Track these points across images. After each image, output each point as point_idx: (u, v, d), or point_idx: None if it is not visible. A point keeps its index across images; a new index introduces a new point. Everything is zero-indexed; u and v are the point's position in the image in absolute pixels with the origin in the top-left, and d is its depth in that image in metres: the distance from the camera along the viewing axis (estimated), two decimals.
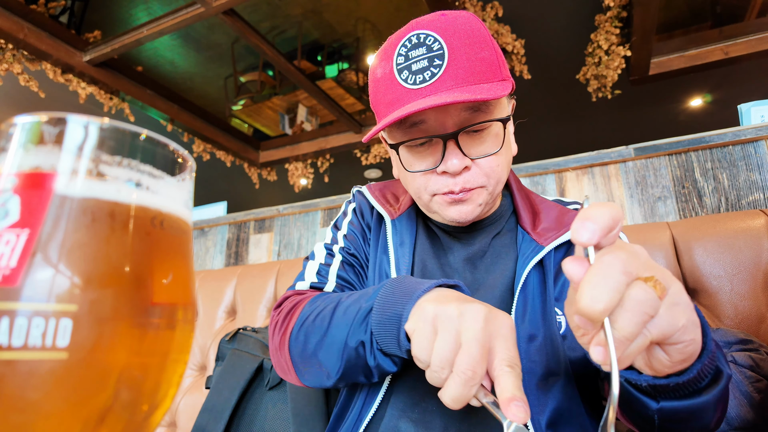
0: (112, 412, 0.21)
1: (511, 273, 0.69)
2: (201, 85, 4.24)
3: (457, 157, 0.62)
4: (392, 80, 0.62)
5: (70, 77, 3.25)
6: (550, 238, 0.68)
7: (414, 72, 0.60)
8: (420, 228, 0.78)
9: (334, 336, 0.57)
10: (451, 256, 0.74)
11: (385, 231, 0.78)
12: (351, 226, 0.83)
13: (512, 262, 0.71)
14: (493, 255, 0.72)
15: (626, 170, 1.46)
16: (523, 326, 0.63)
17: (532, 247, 0.68)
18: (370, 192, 0.85)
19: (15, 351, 0.18)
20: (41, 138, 0.21)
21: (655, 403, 0.45)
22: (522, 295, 0.65)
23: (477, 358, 0.41)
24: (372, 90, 0.68)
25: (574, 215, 0.72)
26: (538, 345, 0.62)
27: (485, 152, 0.64)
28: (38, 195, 0.20)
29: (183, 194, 0.26)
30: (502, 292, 0.68)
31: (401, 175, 0.72)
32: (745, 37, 3.02)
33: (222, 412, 0.97)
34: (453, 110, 0.61)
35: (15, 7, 2.84)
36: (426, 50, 0.60)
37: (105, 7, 3.39)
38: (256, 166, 4.85)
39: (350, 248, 0.79)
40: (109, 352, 0.20)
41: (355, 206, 0.87)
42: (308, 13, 3.42)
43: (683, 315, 0.36)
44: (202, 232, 2.20)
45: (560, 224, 0.71)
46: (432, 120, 0.62)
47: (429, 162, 0.65)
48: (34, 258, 0.19)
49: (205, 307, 1.59)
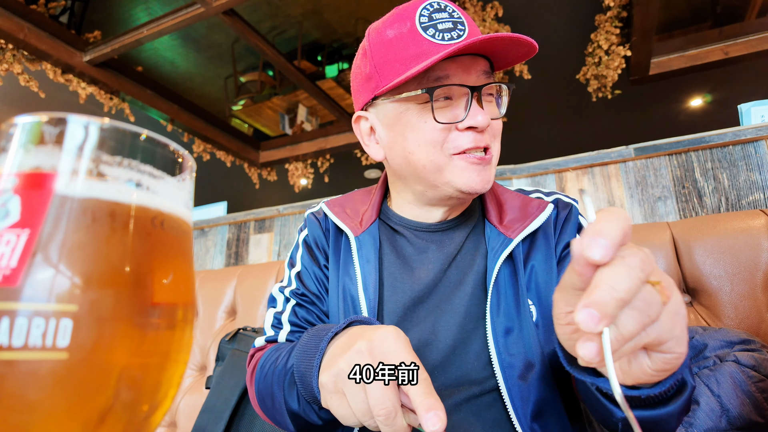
0: (113, 412, 0.21)
1: (482, 268, 0.70)
2: (201, 85, 4.24)
3: (481, 113, 0.62)
4: (415, 36, 0.62)
5: (70, 77, 3.25)
6: (517, 230, 0.69)
7: (441, 30, 0.62)
8: (384, 241, 0.77)
9: (279, 401, 0.61)
10: (425, 261, 0.73)
11: (349, 249, 0.76)
12: (303, 262, 0.81)
13: (482, 257, 0.71)
14: (465, 252, 0.73)
15: (626, 170, 1.46)
16: (499, 320, 0.65)
17: (500, 241, 0.69)
18: (330, 209, 0.82)
19: (15, 351, 0.18)
20: (42, 138, 0.21)
21: (621, 412, 0.46)
22: (495, 289, 0.66)
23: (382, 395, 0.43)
24: (380, 51, 0.65)
25: (536, 204, 0.73)
26: (515, 337, 0.64)
27: (497, 114, 0.67)
28: (39, 195, 0.20)
29: (183, 194, 0.26)
30: (474, 288, 0.69)
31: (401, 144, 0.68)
32: (745, 37, 3.02)
33: (222, 412, 0.97)
34: (474, 71, 0.64)
35: (15, 7, 2.84)
36: (448, 16, 0.63)
37: (105, 7, 3.39)
38: (256, 166, 4.85)
39: (300, 288, 0.78)
40: (109, 353, 0.20)
41: (307, 235, 0.84)
42: (308, 13, 3.42)
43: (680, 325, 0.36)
44: (203, 232, 2.20)
45: (525, 214, 0.72)
46: (456, 77, 0.63)
47: (450, 116, 0.64)
48: (35, 258, 0.19)
49: (205, 308, 1.58)
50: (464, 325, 0.67)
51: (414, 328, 0.68)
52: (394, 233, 0.78)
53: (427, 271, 0.71)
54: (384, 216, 0.80)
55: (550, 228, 0.72)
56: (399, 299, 0.70)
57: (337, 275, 0.76)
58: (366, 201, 0.83)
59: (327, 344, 0.53)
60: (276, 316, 0.78)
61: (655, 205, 1.39)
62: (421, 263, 0.72)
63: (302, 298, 0.78)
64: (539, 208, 0.72)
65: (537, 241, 0.71)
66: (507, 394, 0.61)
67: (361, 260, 0.73)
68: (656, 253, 1.09)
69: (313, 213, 0.85)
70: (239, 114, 4.50)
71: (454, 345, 0.66)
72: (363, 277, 0.71)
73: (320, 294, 0.78)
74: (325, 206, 0.83)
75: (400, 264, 0.73)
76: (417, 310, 0.69)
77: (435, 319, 0.68)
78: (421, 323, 0.68)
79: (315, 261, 0.80)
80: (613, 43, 2.88)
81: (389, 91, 0.66)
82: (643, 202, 1.41)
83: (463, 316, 0.67)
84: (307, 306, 0.77)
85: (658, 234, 1.11)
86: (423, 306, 0.69)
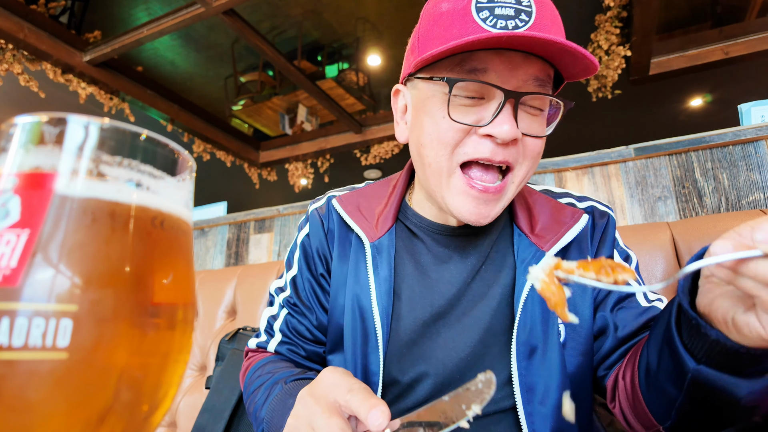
0: (113, 412, 0.21)
1: (509, 281, 0.64)
2: (201, 86, 4.24)
3: (509, 123, 0.53)
4: (466, 15, 0.53)
5: (70, 77, 3.25)
6: (550, 242, 0.63)
7: (497, 16, 0.52)
8: (402, 248, 0.69)
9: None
10: (446, 273, 0.66)
11: (361, 254, 0.69)
12: (299, 266, 0.76)
13: (509, 269, 0.65)
14: (490, 263, 0.66)
15: (626, 170, 1.46)
16: (525, 340, 0.60)
17: (532, 253, 0.63)
18: (344, 207, 0.72)
19: (15, 351, 0.18)
20: (42, 138, 0.21)
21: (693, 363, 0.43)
22: (523, 306, 0.61)
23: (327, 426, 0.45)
24: (428, 24, 0.58)
25: (569, 213, 0.66)
26: (539, 358, 0.59)
27: (538, 131, 0.57)
28: (39, 195, 0.20)
29: (183, 194, 0.26)
30: (499, 302, 0.64)
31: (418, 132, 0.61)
32: (745, 37, 3.01)
33: (222, 412, 0.97)
34: (522, 73, 0.54)
35: (15, 7, 2.84)
36: (515, 1, 0.53)
37: (105, 7, 3.39)
38: (256, 166, 4.85)
39: (293, 297, 0.75)
40: (109, 353, 0.20)
41: (307, 237, 0.76)
42: (308, 13, 3.42)
43: None
44: (203, 232, 2.20)
45: (558, 222, 0.65)
46: (495, 74, 0.54)
47: (471, 119, 0.56)
48: (35, 258, 0.19)
49: (205, 307, 1.58)
50: (484, 340, 0.62)
51: (431, 343, 0.64)
52: (412, 237, 0.70)
53: (449, 284, 0.65)
54: (402, 215, 0.72)
55: (585, 240, 0.66)
56: (417, 315, 0.65)
57: (345, 283, 0.70)
58: (383, 197, 0.74)
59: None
60: (269, 321, 0.77)
61: (655, 205, 1.39)
62: (442, 275, 0.66)
63: (294, 308, 0.75)
64: (573, 217, 0.65)
65: (570, 254, 0.65)
66: (525, 419, 0.58)
67: (376, 269, 0.66)
68: (656, 253, 1.09)
69: (317, 209, 0.77)
70: (239, 114, 4.50)
71: (472, 361, 0.62)
72: (377, 289, 0.65)
73: (311, 305, 0.74)
74: (338, 204, 0.73)
75: (418, 275, 0.67)
76: (436, 325, 0.65)
77: (454, 334, 0.64)
78: (438, 338, 0.64)
79: (311, 268, 0.75)
80: (613, 43, 2.88)
81: (424, 69, 0.59)
82: (643, 202, 1.41)
83: (485, 331, 0.63)
84: (298, 317, 0.74)
85: (658, 234, 1.11)
86: (442, 321, 0.65)
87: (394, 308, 0.66)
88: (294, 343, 0.74)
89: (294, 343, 0.74)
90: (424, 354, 0.64)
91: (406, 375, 0.64)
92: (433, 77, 0.57)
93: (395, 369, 0.64)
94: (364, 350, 0.65)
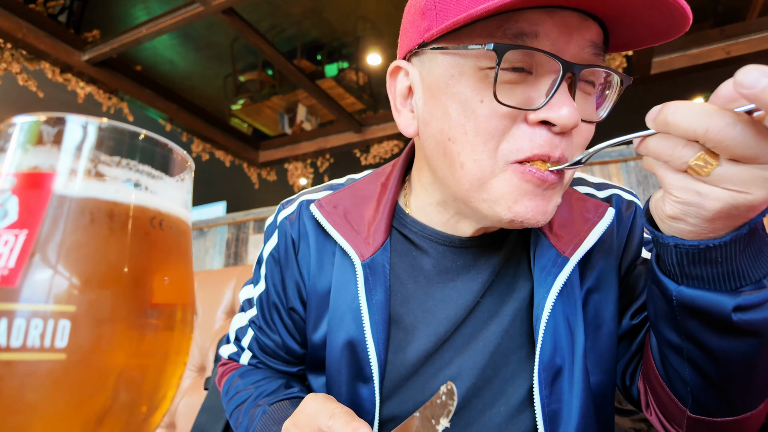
0: (111, 413, 0.21)
1: (526, 294, 0.55)
2: (200, 85, 4.24)
3: (570, 105, 0.41)
4: None
5: (68, 77, 3.25)
6: (573, 244, 0.52)
7: None
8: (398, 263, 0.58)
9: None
10: (454, 292, 0.56)
11: (353, 278, 0.56)
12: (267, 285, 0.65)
13: (525, 278, 0.56)
14: (504, 274, 0.56)
15: (627, 169, 1.46)
16: (549, 362, 0.51)
17: (552, 259, 0.52)
18: (325, 215, 0.58)
19: (13, 352, 0.18)
20: (40, 138, 0.21)
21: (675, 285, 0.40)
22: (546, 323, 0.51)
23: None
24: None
25: (592, 205, 0.56)
26: (566, 380, 0.52)
27: (592, 115, 0.47)
28: (37, 195, 0.20)
29: (182, 194, 0.26)
30: (513, 318, 0.55)
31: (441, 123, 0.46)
32: (747, 36, 3.02)
33: (221, 411, 0.97)
34: (579, 38, 0.42)
35: (13, 7, 2.83)
36: None
37: (104, 6, 3.39)
38: (255, 166, 4.84)
39: (258, 319, 0.67)
40: (107, 353, 0.20)
41: (276, 247, 0.64)
42: (308, 12, 3.42)
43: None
44: (201, 233, 2.20)
45: (579, 219, 0.54)
46: (548, 40, 0.41)
47: (519, 99, 0.43)
48: (33, 258, 0.19)
49: (204, 308, 1.58)
50: (494, 363, 0.55)
51: (435, 371, 0.56)
52: (412, 249, 0.58)
53: (457, 306, 0.55)
54: (398, 223, 0.59)
55: (611, 238, 0.56)
56: (421, 345, 0.55)
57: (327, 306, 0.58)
58: (371, 198, 0.61)
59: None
60: (237, 335, 0.71)
61: None
62: (449, 294, 0.56)
63: (260, 330, 0.67)
64: (597, 212, 0.54)
65: (593, 258, 0.55)
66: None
67: (369, 294, 0.54)
68: None
69: (287, 218, 0.63)
70: (238, 113, 4.50)
71: (480, 385, 0.54)
72: (372, 318, 0.54)
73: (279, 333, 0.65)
74: (317, 211, 0.59)
75: (421, 297, 0.56)
76: (440, 353, 0.56)
77: (461, 360, 0.55)
78: (443, 366, 0.56)
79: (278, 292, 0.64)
80: None
81: (445, 37, 0.45)
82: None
83: (493, 353, 0.54)
84: (265, 338, 0.67)
85: None
86: (447, 345, 0.56)
87: (391, 338, 0.56)
88: (264, 362, 0.69)
89: (264, 361, 0.69)
90: (428, 385, 0.56)
91: (406, 409, 0.56)
92: (467, 45, 0.42)
93: (393, 404, 0.56)
94: (353, 388, 0.56)
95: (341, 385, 0.57)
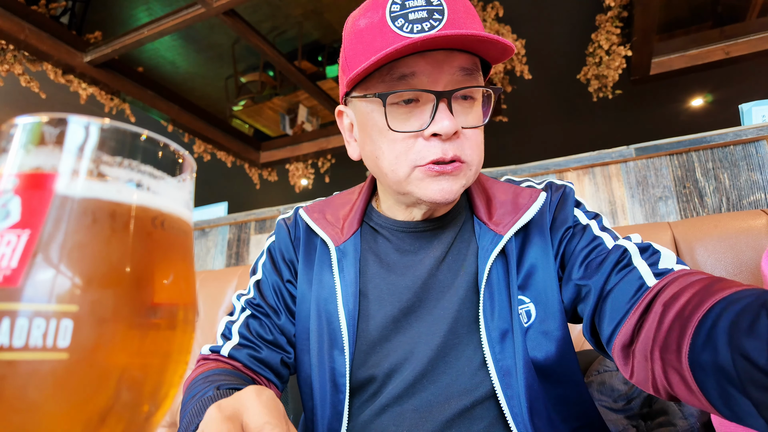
0: (113, 413, 0.21)
1: (473, 269, 0.66)
2: (202, 86, 4.25)
3: (448, 118, 0.56)
4: (383, 27, 0.56)
5: (71, 78, 3.25)
6: (507, 225, 0.65)
7: (411, 21, 0.55)
8: (367, 249, 0.71)
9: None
10: (411, 266, 0.68)
11: (326, 259, 0.71)
12: (264, 271, 0.77)
13: (473, 256, 0.67)
14: (454, 252, 0.68)
15: (627, 170, 1.46)
16: (493, 324, 0.61)
17: (490, 239, 0.65)
18: (309, 215, 0.75)
19: (16, 351, 0.18)
20: (42, 139, 0.21)
21: None
22: (488, 291, 0.62)
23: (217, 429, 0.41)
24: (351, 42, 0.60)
25: (528, 194, 0.68)
26: (511, 341, 0.61)
27: (474, 122, 0.60)
28: (39, 195, 0.20)
29: (184, 195, 0.26)
30: (466, 290, 0.65)
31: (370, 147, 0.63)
32: (746, 36, 3.01)
33: None
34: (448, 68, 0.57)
35: (16, 8, 2.84)
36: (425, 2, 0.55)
37: (106, 7, 3.40)
38: (256, 167, 4.85)
39: (256, 298, 0.74)
40: (109, 353, 0.20)
41: (273, 243, 0.78)
42: (309, 14, 3.42)
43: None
44: (203, 233, 2.20)
45: (516, 207, 0.67)
46: (424, 76, 0.56)
47: (414, 124, 0.59)
48: (35, 258, 0.19)
49: (206, 308, 1.59)
50: (455, 330, 0.64)
51: (402, 337, 0.65)
52: (377, 237, 0.72)
53: (415, 277, 0.67)
54: (368, 218, 0.75)
55: (544, 217, 0.67)
56: (386, 312, 0.66)
57: (310, 288, 0.71)
58: (348, 203, 0.77)
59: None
60: (227, 326, 0.74)
61: (656, 205, 1.39)
62: (407, 269, 0.68)
63: (257, 308, 0.74)
64: (531, 198, 0.67)
65: (531, 234, 0.66)
66: (505, 401, 0.59)
67: (342, 272, 0.68)
68: None
69: (284, 219, 0.79)
70: (240, 114, 4.51)
71: (444, 352, 0.63)
72: (343, 291, 0.67)
73: (277, 308, 0.74)
74: (304, 213, 0.76)
75: (384, 273, 0.69)
76: (406, 319, 0.66)
77: (425, 325, 0.65)
78: (410, 330, 0.65)
79: (278, 272, 0.75)
80: (613, 43, 2.88)
81: (358, 86, 0.61)
82: (644, 203, 1.41)
83: (454, 320, 0.64)
84: (261, 318, 0.73)
85: (659, 234, 1.11)
86: (411, 314, 0.66)
87: (361, 309, 0.67)
88: (251, 346, 0.70)
89: (252, 346, 0.70)
90: (396, 348, 0.65)
91: (380, 369, 0.64)
92: (366, 95, 0.60)
93: (367, 366, 0.65)
94: (330, 353, 0.66)
95: (322, 353, 0.66)
